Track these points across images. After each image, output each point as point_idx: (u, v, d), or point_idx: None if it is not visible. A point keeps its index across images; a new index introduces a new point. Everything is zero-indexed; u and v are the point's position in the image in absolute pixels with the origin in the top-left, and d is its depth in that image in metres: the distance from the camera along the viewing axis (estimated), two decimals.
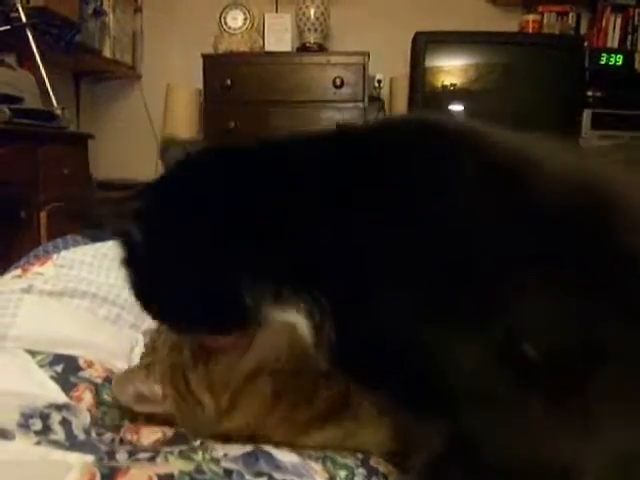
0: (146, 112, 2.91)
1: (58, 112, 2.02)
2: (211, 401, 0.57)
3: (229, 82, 2.52)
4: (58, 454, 0.47)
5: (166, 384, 0.58)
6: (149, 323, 0.75)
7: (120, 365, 0.70)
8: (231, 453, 0.54)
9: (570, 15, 2.70)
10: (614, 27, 2.64)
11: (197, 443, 0.58)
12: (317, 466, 0.55)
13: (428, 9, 2.74)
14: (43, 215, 1.87)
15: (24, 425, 0.49)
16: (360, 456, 0.59)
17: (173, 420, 0.59)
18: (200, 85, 2.61)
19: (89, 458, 0.47)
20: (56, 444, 0.48)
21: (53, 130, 1.99)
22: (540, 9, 2.69)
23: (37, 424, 0.50)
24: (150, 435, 0.58)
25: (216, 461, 0.53)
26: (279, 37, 2.63)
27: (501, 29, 2.64)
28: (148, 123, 2.91)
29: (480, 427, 0.38)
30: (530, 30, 2.65)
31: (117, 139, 2.89)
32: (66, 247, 0.96)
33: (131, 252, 0.43)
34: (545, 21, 2.67)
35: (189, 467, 0.47)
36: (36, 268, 0.83)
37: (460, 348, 0.36)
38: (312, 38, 2.62)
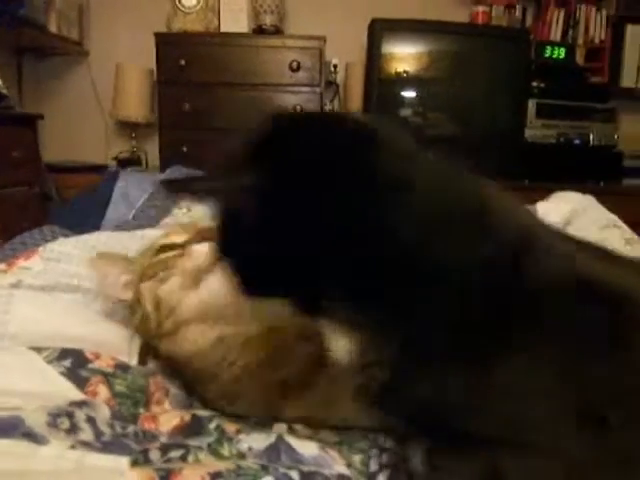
0: (94, 91, 2.78)
1: (4, 91, 1.91)
2: (154, 314, 0.64)
3: (183, 62, 2.46)
4: (94, 457, 0.46)
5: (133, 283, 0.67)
6: None
7: (122, 359, 0.69)
8: (254, 446, 0.56)
9: (517, 7, 2.80)
10: (557, 21, 2.76)
11: (213, 426, 0.59)
12: (334, 453, 0.58)
13: None
14: None
15: (53, 425, 0.48)
16: (371, 437, 0.62)
17: None
18: (152, 65, 2.53)
19: (124, 460, 0.47)
20: (89, 446, 0.48)
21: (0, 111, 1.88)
22: (489, 1, 2.77)
23: (65, 423, 0.49)
24: (168, 422, 0.59)
25: (242, 455, 0.54)
26: (235, 17, 2.58)
27: (454, 19, 2.70)
28: (96, 103, 2.78)
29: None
30: (480, 21, 2.73)
31: (63, 119, 2.75)
32: (44, 238, 0.93)
33: (236, 222, 0.44)
34: (494, 13, 2.75)
35: (231, 465, 0.49)
36: (22, 262, 0.80)
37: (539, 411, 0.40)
38: (268, 20, 2.59)
